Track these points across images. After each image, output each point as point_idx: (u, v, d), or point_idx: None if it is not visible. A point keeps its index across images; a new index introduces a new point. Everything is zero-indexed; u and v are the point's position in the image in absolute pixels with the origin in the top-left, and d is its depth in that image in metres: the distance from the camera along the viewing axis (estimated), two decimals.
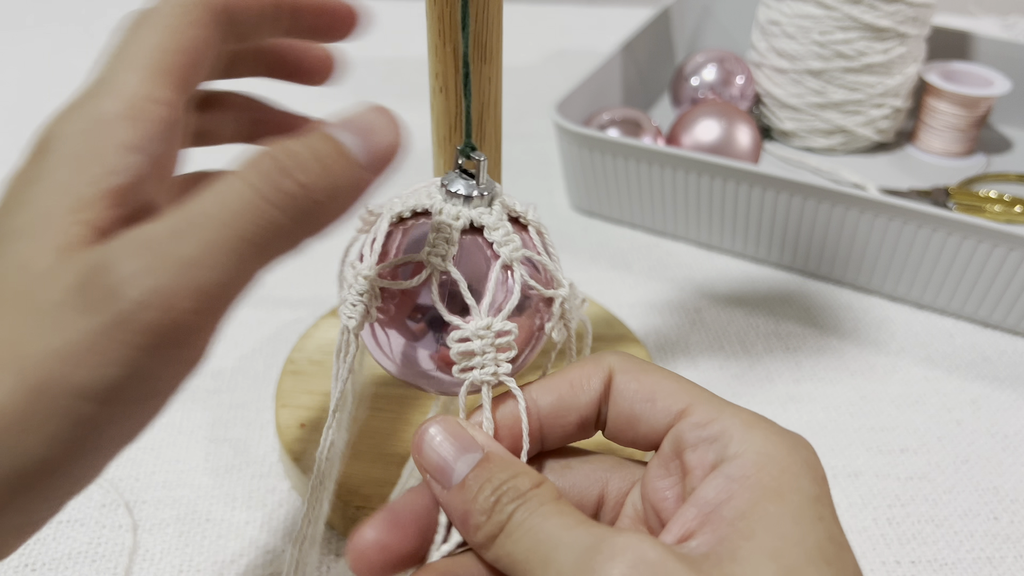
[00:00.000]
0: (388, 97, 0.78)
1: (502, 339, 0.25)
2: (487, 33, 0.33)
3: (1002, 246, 0.48)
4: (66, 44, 0.86)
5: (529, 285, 0.26)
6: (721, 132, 0.60)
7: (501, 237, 0.26)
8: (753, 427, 0.23)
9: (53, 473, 0.19)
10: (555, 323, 0.27)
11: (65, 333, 0.18)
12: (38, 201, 0.20)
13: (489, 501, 0.22)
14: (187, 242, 0.19)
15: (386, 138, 0.22)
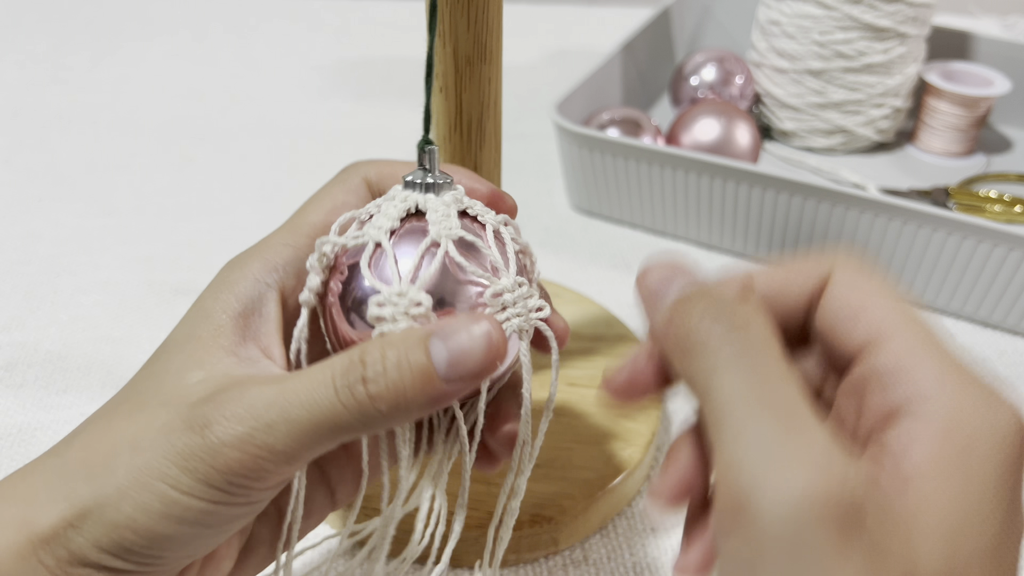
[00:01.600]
0: (388, 97, 0.79)
1: (416, 309, 0.25)
2: (487, 33, 0.33)
3: (1002, 246, 0.48)
4: None
5: (457, 263, 0.25)
6: (720, 132, 0.60)
7: (435, 217, 0.26)
8: (948, 377, 0.19)
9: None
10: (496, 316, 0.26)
11: (173, 439, 0.23)
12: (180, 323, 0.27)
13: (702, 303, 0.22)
14: (273, 411, 0.23)
15: (476, 360, 0.23)
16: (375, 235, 0.26)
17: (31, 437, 0.43)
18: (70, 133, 0.71)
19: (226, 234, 0.59)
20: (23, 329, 0.50)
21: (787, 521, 0.18)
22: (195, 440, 0.22)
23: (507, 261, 0.27)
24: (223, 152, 0.69)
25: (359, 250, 0.26)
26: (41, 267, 0.55)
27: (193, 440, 0.22)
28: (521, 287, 0.26)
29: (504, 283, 0.26)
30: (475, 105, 0.34)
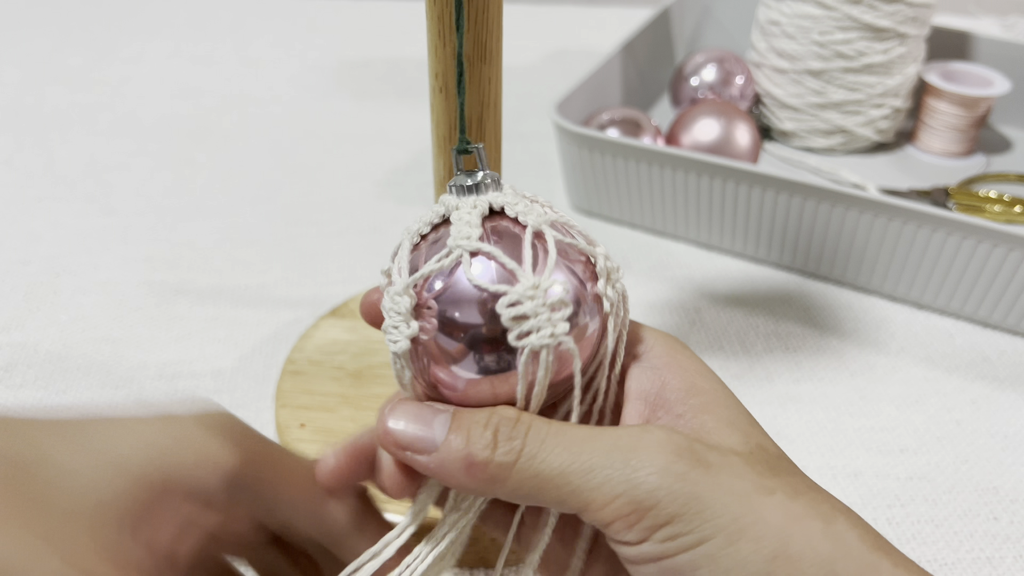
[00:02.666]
0: (388, 97, 0.79)
1: (553, 297, 0.23)
2: (487, 33, 0.33)
3: (1002, 246, 0.48)
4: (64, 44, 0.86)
5: (567, 243, 0.25)
6: (720, 132, 0.60)
7: (524, 208, 0.25)
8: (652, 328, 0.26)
9: None
10: (604, 284, 0.25)
11: None
12: None
13: (487, 435, 0.23)
14: None
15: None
16: (466, 245, 0.24)
17: None
18: (70, 133, 0.71)
19: (226, 234, 0.59)
20: (23, 330, 0.50)
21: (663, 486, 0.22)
22: None
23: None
24: (223, 152, 0.69)
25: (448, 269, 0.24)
26: (41, 267, 0.55)
27: None
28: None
29: (602, 250, 0.25)
30: (475, 105, 0.34)
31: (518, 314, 0.23)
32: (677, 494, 0.22)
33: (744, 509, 0.22)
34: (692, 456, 0.22)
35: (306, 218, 0.61)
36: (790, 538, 0.21)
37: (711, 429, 0.24)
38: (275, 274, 0.55)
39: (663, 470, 0.22)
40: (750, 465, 0.23)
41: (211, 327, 0.51)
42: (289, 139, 0.71)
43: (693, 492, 0.22)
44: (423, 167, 0.68)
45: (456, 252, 0.24)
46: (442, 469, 0.23)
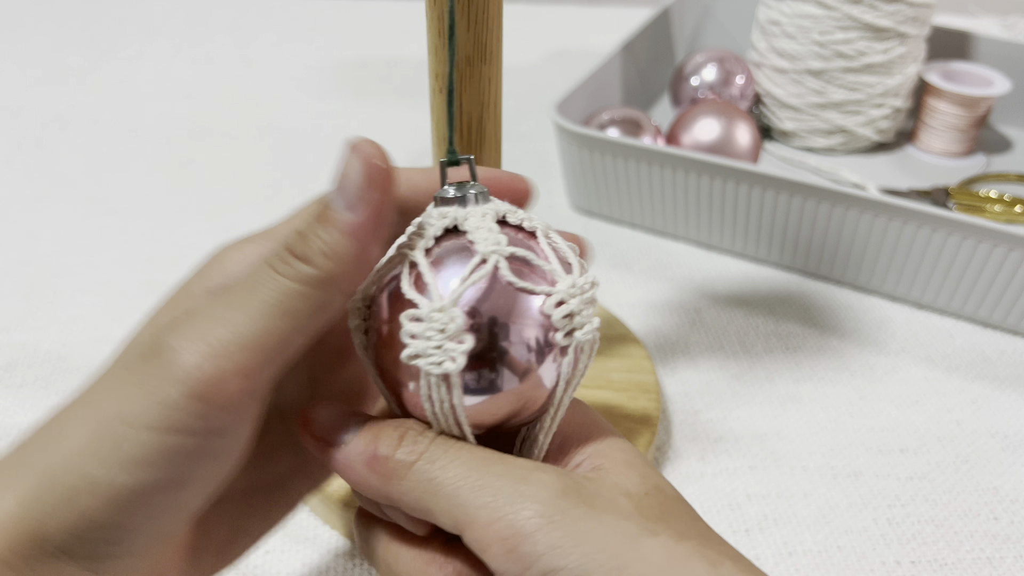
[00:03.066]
0: (388, 97, 0.79)
1: (453, 325, 0.23)
2: (487, 33, 0.33)
3: (1002, 246, 0.48)
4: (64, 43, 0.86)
5: (509, 281, 0.24)
6: (720, 132, 0.60)
7: (480, 234, 0.24)
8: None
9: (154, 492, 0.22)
10: (560, 327, 0.24)
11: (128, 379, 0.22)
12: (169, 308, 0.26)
13: (394, 436, 0.24)
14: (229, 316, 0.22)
15: (355, 176, 0.23)
16: (409, 255, 0.25)
17: None
18: (70, 133, 0.71)
19: (226, 234, 0.59)
20: (23, 329, 0.50)
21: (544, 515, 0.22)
22: (155, 366, 0.21)
23: (567, 266, 0.25)
24: (223, 152, 0.69)
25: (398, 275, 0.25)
26: (41, 267, 0.55)
27: (153, 367, 0.21)
28: (585, 292, 0.24)
29: (561, 289, 0.24)
30: (475, 105, 0.34)
31: (412, 331, 0.23)
32: (557, 526, 0.22)
33: (625, 547, 0.22)
34: (577, 495, 0.23)
35: None
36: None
37: (609, 469, 0.24)
38: None
39: (547, 502, 0.22)
40: (639, 508, 0.23)
41: None
42: (289, 139, 0.71)
43: (574, 527, 0.22)
44: (423, 166, 0.68)
45: (492, 259, 0.24)
46: (346, 462, 0.24)
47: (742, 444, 0.44)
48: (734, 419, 0.45)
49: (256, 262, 0.24)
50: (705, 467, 0.43)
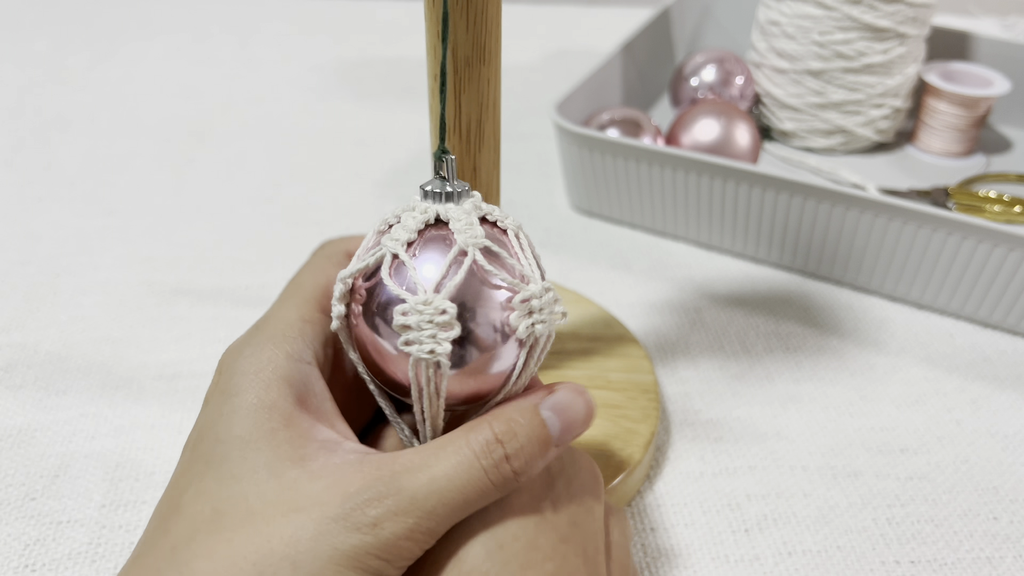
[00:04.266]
0: (388, 97, 0.79)
1: (442, 317, 0.25)
2: (486, 34, 0.33)
3: (1002, 246, 0.48)
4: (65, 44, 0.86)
5: (486, 270, 0.26)
6: (720, 132, 0.60)
7: (461, 226, 0.27)
8: None
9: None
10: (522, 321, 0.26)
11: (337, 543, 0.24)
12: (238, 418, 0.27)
13: None
14: (432, 499, 0.25)
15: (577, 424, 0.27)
16: (391, 246, 0.26)
17: (31, 438, 0.43)
18: (70, 133, 0.71)
19: (226, 234, 0.59)
20: (23, 330, 0.50)
21: None
22: (366, 539, 0.24)
23: (532, 266, 0.27)
24: (223, 152, 0.69)
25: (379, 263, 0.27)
26: (41, 268, 0.55)
27: (363, 540, 0.24)
28: (548, 292, 0.27)
29: (533, 289, 0.26)
30: (474, 106, 0.34)
31: (403, 323, 0.25)
32: None
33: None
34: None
35: (306, 218, 0.61)
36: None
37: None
38: (275, 274, 0.55)
39: None
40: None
41: (211, 327, 0.51)
42: (289, 139, 0.71)
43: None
44: (423, 167, 0.68)
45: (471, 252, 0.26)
46: None
47: (742, 444, 0.44)
48: (734, 419, 0.45)
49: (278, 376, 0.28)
50: (705, 467, 0.43)
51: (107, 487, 0.41)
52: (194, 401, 0.45)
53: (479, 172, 0.36)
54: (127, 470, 0.42)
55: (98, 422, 0.44)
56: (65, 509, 0.39)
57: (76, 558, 0.37)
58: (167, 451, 0.43)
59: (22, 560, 0.37)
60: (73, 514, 0.39)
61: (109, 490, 0.40)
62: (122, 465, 0.42)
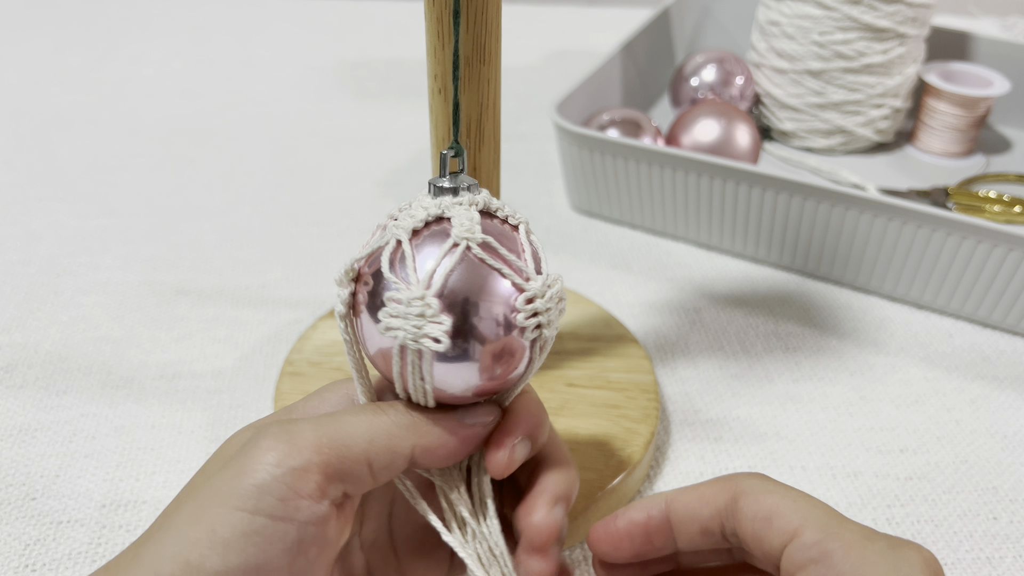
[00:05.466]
0: (388, 97, 0.79)
1: (421, 303, 0.25)
2: (486, 34, 0.33)
3: (1001, 246, 0.48)
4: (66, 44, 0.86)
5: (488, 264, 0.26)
6: (720, 132, 0.60)
7: (459, 220, 0.26)
8: (854, 547, 0.24)
9: None
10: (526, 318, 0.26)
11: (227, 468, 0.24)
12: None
13: None
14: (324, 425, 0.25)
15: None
16: (396, 233, 0.26)
17: (31, 437, 0.43)
18: (71, 134, 0.71)
19: (226, 234, 0.59)
20: (23, 330, 0.50)
21: None
22: (249, 456, 0.24)
23: (538, 263, 0.27)
24: (223, 152, 0.69)
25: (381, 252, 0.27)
26: (41, 268, 0.55)
27: (247, 457, 0.24)
28: (552, 288, 0.27)
29: (535, 285, 0.26)
30: (474, 106, 0.34)
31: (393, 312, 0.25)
32: None
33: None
34: None
35: (306, 218, 0.61)
36: None
37: None
38: (275, 274, 0.55)
39: None
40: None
41: (211, 327, 0.51)
42: (289, 139, 0.71)
43: None
44: (423, 167, 0.68)
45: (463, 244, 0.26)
46: None
47: (742, 444, 0.44)
48: (734, 419, 0.45)
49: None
50: (705, 467, 0.43)
51: (107, 487, 0.41)
52: (194, 401, 0.45)
53: (479, 172, 0.36)
54: (127, 470, 0.42)
55: (98, 422, 0.44)
56: (65, 509, 0.39)
57: (76, 558, 0.37)
58: (167, 451, 0.43)
59: (22, 560, 0.37)
60: (73, 514, 0.39)
61: (109, 490, 0.40)
62: (122, 465, 0.42)
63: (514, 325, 0.26)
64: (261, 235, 0.59)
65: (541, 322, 0.26)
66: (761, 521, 0.25)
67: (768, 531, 0.25)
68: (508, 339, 0.26)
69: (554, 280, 0.27)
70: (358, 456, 0.25)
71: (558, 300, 0.27)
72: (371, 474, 0.25)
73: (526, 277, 0.26)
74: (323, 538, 0.24)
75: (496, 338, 0.26)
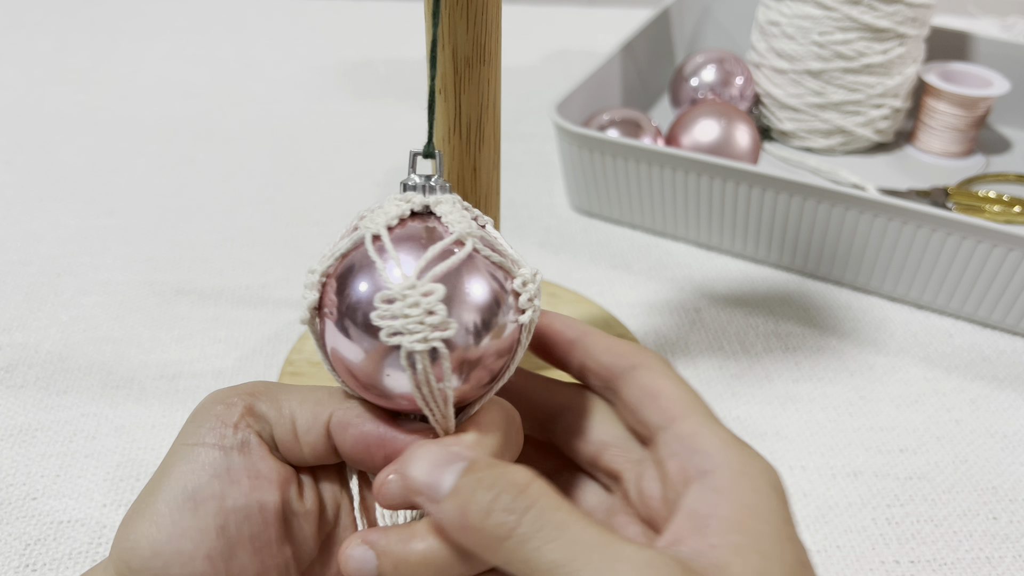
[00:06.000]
0: (388, 97, 0.79)
1: (429, 300, 0.23)
2: (486, 34, 0.33)
3: (1001, 246, 0.48)
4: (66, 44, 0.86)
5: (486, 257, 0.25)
6: (720, 132, 0.60)
7: (455, 217, 0.25)
8: (729, 445, 0.25)
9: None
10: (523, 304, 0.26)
11: None
12: None
13: (487, 498, 0.22)
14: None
15: None
16: (372, 228, 0.25)
17: (31, 437, 0.43)
18: (71, 134, 0.71)
19: (226, 234, 0.59)
20: (24, 330, 0.50)
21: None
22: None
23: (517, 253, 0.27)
24: (223, 152, 0.69)
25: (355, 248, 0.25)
26: (42, 268, 0.55)
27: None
28: (537, 276, 0.26)
29: (526, 273, 0.26)
30: (474, 107, 0.34)
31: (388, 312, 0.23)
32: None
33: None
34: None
35: (306, 218, 0.61)
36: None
37: (734, 574, 0.22)
38: (275, 274, 0.55)
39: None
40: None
41: (212, 327, 0.51)
42: (289, 139, 0.71)
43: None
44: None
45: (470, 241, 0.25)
46: (444, 521, 0.23)
47: None
48: (733, 419, 0.46)
49: None
50: None
51: (108, 487, 0.41)
52: (194, 401, 0.45)
53: (479, 172, 0.36)
54: (128, 470, 0.42)
55: (99, 422, 0.44)
56: (66, 509, 0.39)
57: (76, 558, 0.37)
58: (167, 451, 0.43)
59: (23, 560, 0.37)
60: (74, 514, 0.39)
61: (110, 490, 0.40)
62: (123, 465, 0.42)
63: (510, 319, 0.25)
64: (261, 235, 0.59)
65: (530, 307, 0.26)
66: (647, 396, 0.27)
67: (650, 407, 0.27)
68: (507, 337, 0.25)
69: (535, 270, 0.27)
70: (284, 410, 0.26)
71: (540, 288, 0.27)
72: (295, 434, 0.26)
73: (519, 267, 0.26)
74: (254, 471, 0.25)
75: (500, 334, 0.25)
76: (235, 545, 0.24)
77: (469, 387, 0.25)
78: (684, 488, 0.25)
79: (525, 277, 0.26)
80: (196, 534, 0.24)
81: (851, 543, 0.39)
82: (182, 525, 0.24)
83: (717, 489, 0.24)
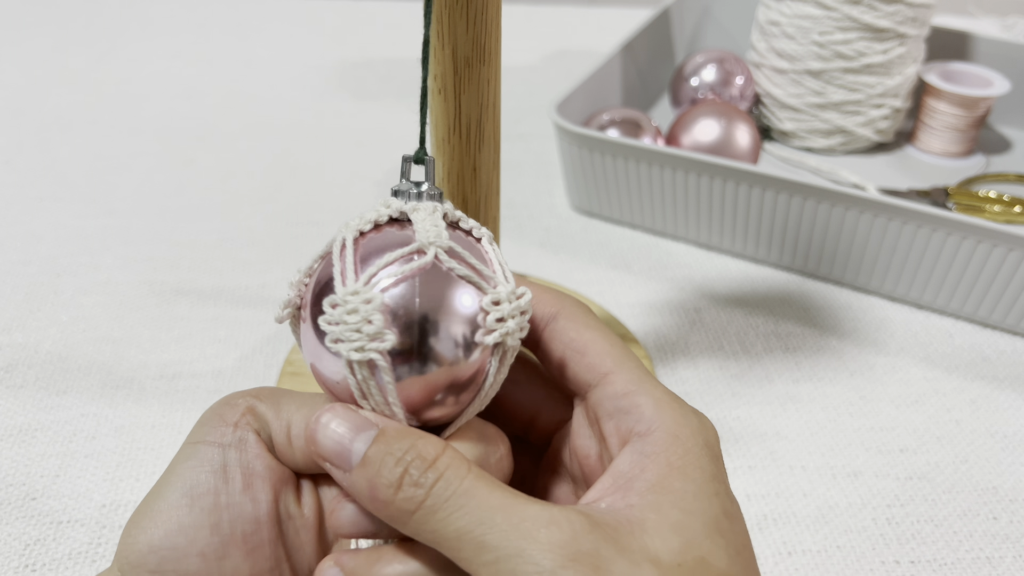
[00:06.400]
0: (388, 97, 0.79)
1: (367, 307, 0.22)
2: (486, 34, 0.33)
3: (1001, 246, 0.48)
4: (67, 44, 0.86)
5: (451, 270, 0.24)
6: (720, 132, 0.60)
7: (424, 225, 0.24)
8: (664, 405, 0.25)
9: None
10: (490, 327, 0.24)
11: None
12: None
13: (396, 472, 0.22)
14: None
15: None
16: (343, 232, 0.24)
17: (31, 437, 0.43)
18: (71, 134, 0.71)
19: (226, 234, 0.59)
20: (23, 330, 0.50)
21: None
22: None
23: (502, 272, 0.25)
24: (223, 152, 0.69)
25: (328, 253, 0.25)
26: (42, 268, 0.55)
27: None
28: (520, 299, 0.24)
29: (501, 292, 0.24)
30: (474, 107, 0.34)
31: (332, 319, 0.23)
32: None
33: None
34: (588, 563, 0.21)
35: (306, 218, 0.61)
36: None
37: (650, 529, 0.22)
38: (275, 274, 0.55)
39: (553, 570, 0.21)
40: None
41: (212, 327, 0.51)
42: (289, 139, 0.71)
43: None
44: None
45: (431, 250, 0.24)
46: (353, 491, 0.23)
47: (742, 444, 0.44)
48: (734, 419, 0.46)
49: None
50: None
51: (107, 487, 0.41)
52: (194, 401, 0.45)
53: (479, 172, 0.36)
54: (128, 470, 0.42)
55: (99, 422, 0.44)
56: (65, 509, 0.39)
57: (76, 558, 0.37)
58: (168, 451, 0.43)
59: (23, 560, 0.37)
60: (73, 514, 0.39)
61: (109, 490, 0.40)
62: (123, 465, 0.42)
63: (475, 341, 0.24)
64: (261, 235, 0.59)
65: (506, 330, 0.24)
66: (574, 352, 0.26)
67: (578, 364, 0.26)
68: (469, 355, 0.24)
69: (522, 292, 0.25)
70: (283, 413, 0.26)
71: (521, 313, 0.24)
72: (289, 439, 0.26)
73: (494, 285, 0.24)
74: (248, 468, 0.25)
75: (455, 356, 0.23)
76: (228, 544, 0.24)
77: (421, 404, 0.24)
78: (619, 450, 0.25)
79: (498, 296, 0.24)
80: (191, 531, 0.24)
81: (851, 543, 0.39)
82: (178, 521, 0.24)
83: (647, 453, 0.24)
